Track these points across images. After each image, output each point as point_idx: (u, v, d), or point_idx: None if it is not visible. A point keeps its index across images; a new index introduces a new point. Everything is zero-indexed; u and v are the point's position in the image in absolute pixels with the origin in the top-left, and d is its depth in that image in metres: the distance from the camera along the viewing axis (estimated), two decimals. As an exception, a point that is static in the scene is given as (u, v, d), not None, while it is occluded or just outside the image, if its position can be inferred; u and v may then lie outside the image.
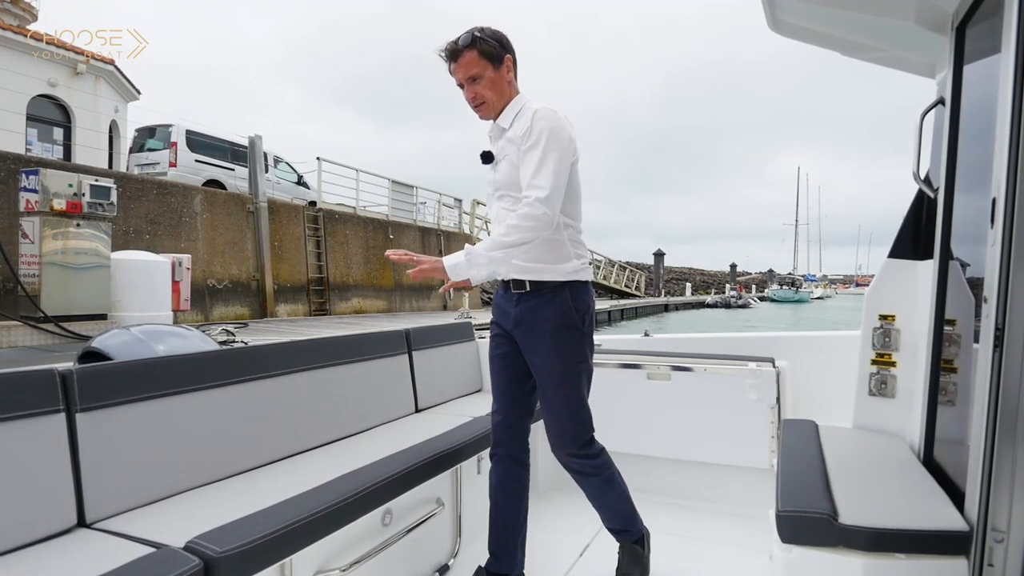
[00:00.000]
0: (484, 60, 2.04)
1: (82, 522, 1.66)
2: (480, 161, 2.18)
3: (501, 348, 2.23)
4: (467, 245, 2.01)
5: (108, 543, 1.54)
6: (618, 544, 2.30)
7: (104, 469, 1.71)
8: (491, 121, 2.16)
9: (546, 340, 2.08)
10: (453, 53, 2.06)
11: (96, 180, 8.46)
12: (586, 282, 2.15)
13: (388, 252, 2.09)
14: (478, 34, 2.04)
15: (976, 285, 1.67)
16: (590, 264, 2.23)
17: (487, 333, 3.91)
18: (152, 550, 1.46)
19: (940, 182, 2.08)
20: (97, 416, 1.72)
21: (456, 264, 1.98)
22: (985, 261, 1.48)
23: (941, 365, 2.03)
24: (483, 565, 2.25)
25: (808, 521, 1.58)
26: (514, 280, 2.12)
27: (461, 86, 2.10)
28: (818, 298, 62.70)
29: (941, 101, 2.15)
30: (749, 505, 2.97)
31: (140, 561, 1.39)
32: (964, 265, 1.91)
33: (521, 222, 1.94)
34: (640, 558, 2.26)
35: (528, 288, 2.09)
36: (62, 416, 1.65)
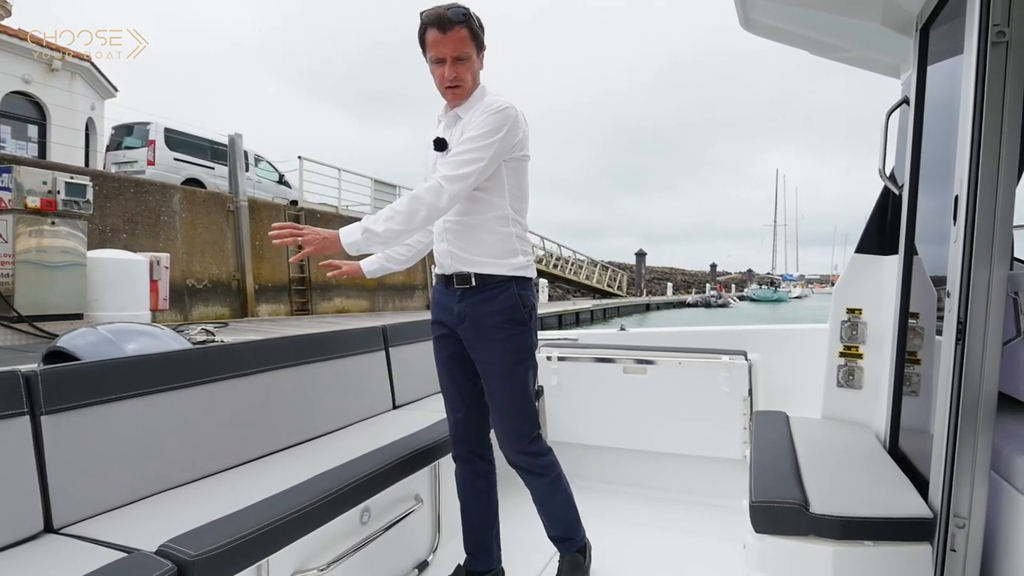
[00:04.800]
0: (473, 42, 1.92)
1: (49, 527, 1.61)
2: (433, 147, 2.05)
3: (448, 348, 2.14)
4: (363, 221, 1.87)
5: (77, 549, 1.50)
6: (558, 555, 2.23)
7: (72, 472, 1.67)
8: (444, 107, 2.05)
9: (494, 335, 2.00)
10: (442, 23, 1.87)
11: (71, 178, 8.32)
12: (530, 278, 2.07)
13: (272, 230, 1.86)
14: (472, 13, 1.91)
15: (939, 280, 1.71)
16: (536, 262, 2.17)
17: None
18: (123, 555, 1.42)
19: (905, 179, 2.13)
20: (63, 418, 1.68)
21: (354, 243, 1.84)
22: (947, 257, 1.53)
23: (906, 357, 2.09)
24: (462, 564, 2.26)
25: (780, 511, 1.62)
26: (458, 274, 2.03)
27: (439, 61, 1.92)
28: (796, 297, 63.37)
29: (906, 100, 2.20)
30: (723, 495, 3.01)
31: (111, 567, 1.35)
32: (927, 260, 1.96)
33: (423, 195, 1.83)
34: (581, 567, 2.20)
35: (473, 283, 2.01)
36: (26, 419, 1.60)
